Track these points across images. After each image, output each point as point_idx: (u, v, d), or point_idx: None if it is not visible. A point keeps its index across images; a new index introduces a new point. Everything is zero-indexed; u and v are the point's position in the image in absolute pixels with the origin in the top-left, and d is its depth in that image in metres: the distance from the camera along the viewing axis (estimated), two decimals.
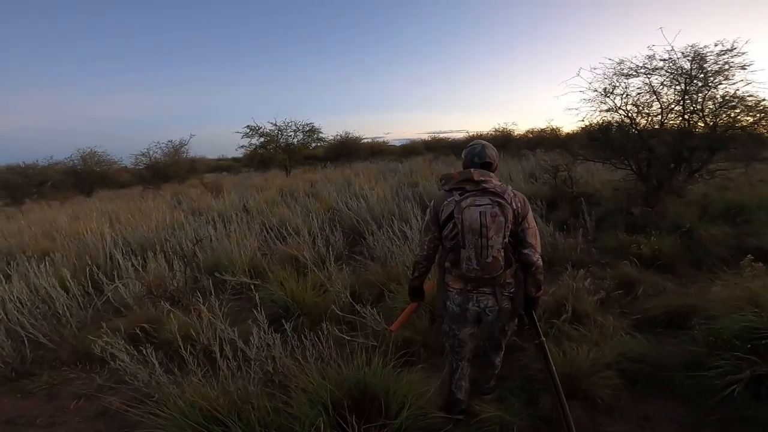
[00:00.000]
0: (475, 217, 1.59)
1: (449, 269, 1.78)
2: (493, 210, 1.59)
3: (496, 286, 1.73)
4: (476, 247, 1.62)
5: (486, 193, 1.62)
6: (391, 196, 6.25)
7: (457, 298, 1.79)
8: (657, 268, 3.73)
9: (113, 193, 14.86)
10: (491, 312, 1.76)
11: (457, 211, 1.62)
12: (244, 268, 4.08)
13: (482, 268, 1.65)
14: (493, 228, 1.59)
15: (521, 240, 1.70)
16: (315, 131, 14.55)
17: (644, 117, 4.91)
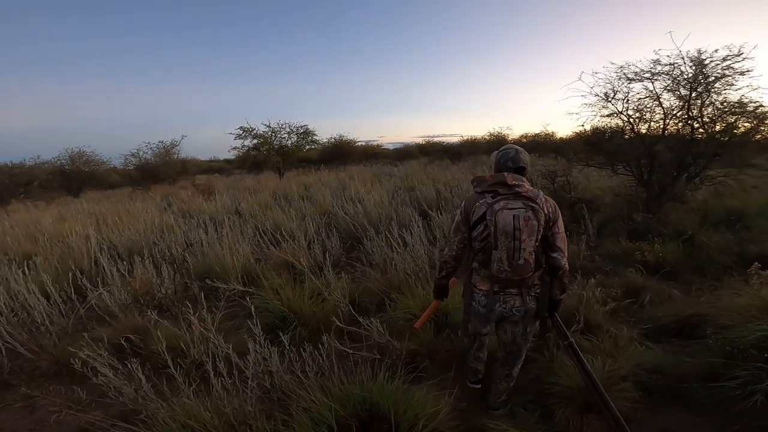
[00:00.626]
0: (509, 221, 1.62)
1: (477, 270, 1.83)
2: (526, 214, 1.62)
3: (522, 287, 1.76)
4: (508, 249, 1.64)
5: (519, 197, 1.65)
6: (387, 200, 6.12)
7: (483, 299, 1.82)
8: (662, 276, 3.67)
9: (102, 194, 14.48)
10: (518, 312, 1.79)
11: (490, 214, 1.65)
12: (237, 274, 3.90)
13: (513, 269, 1.67)
14: (525, 231, 1.62)
15: (550, 244, 1.72)
16: (309, 133, 14.36)
17: (646, 122, 4.87)
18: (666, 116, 4.72)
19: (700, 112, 4.55)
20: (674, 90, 4.62)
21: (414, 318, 2.77)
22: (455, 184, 7.75)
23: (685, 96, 4.58)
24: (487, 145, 18.29)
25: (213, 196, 9.71)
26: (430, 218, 4.82)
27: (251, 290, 3.35)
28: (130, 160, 14.19)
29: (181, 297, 3.71)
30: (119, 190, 15.23)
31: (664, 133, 4.71)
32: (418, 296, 2.92)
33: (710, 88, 4.44)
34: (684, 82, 4.53)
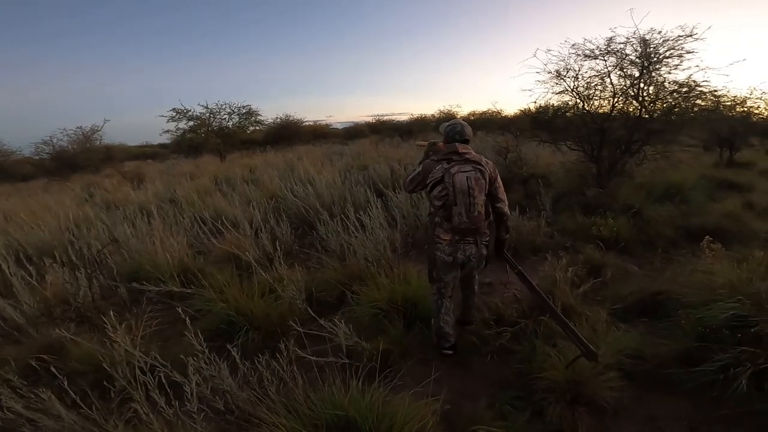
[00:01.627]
0: (463, 181, 2.02)
1: (440, 224, 2.16)
2: (476, 175, 2.03)
3: (477, 236, 2.14)
4: (466, 204, 2.03)
5: (468, 162, 2.07)
6: (340, 180, 5.76)
7: (447, 248, 2.15)
8: (618, 251, 3.73)
9: (13, 187, 12.65)
10: (474, 258, 2.18)
11: (448, 177, 2.04)
12: (172, 272, 3.41)
13: (470, 220, 2.06)
14: (476, 188, 2.03)
15: (494, 196, 2.17)
16: (252, 113, 13.33)
17: (596, 100, 4.92)
18: (615, 95, 4.78)
19: (647, 91, 4.64)
20: (624, 69, 4.66)
21: (381, 311, 2.54)
22: (408, 161, 7.54)
23: (634, 75, 4.64)
24: (436, 123, 18.31)
25: (143, 183, 8.76)
26: (387, 197, 4.57)
27: (189, 291, 2.91)
28: (42, 149, 12.40)
29: (102, 304, 3.16)
30: (34, 182, 13.38)
31: (612, 111, 4.78)
32: (383, 286, 2.67)
33: (657, 67, 4.52)
34: (635, 61, 4.57)
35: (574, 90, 4.97)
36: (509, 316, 2.55)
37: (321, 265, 3.34)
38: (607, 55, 4.70)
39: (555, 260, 2.89)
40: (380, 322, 2.51)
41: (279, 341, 2.44)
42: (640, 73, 4.64)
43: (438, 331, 2.34)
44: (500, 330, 2.44)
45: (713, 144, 9.13)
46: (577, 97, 5.03)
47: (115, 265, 3.81)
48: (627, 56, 4.67)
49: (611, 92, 4.83)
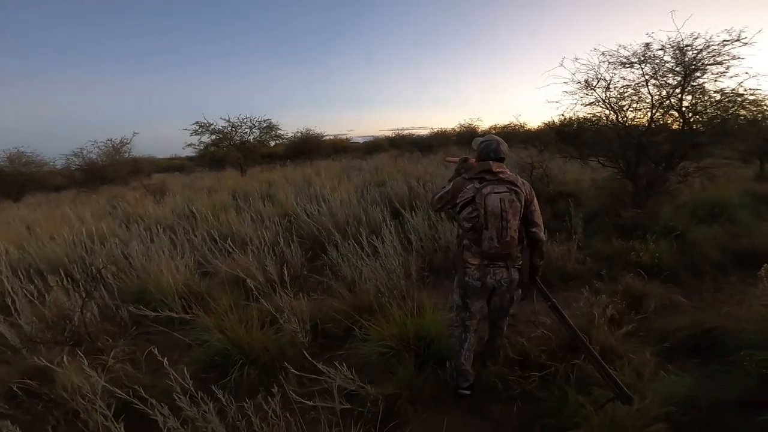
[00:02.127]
0: (496, 203, 1.85)
1: (468, 247, 2.00)
2: (510, 197, 1.86)
3: (508, 260, 1.97)
4: (497, 228, 1.86)
5: (503, 182, 1.89)
6: (356, 198, 5.54)
7: (476, 273, 1.98)
8: (661, 279, 3.34)
9: (45, 198, 13.14)
10: (505, 282, 1.99)
11: (479, 198, 1.87)
12: (176, 294, 3.25)
13: (502, 245, 1.89)
14: (510, 211, 1.86)
15: (529, 220, 1.98)
16: (273, 128, 13.39)
17: (631, 111, 4.55)
18: (653, 106, 4.40)
19: (689, 101, 4.24)
20: (663, 77, 4.29)
21: (391, 350, 2.27)
22: (428, 178, 7.28)
23: (675, 84, 4.26)
24: (457, 137, 18.04)
25: (165, 197, 8.83)
26: (403, 218, 4.31)
27: (188, 316, 2.73)
28: (72, 161, 12.84)
29: (98, 327, 3.02)
30: (65, 193, 13.87)
31: (651, 124, 4.39)
32: (393, 319, 2.40)
33: (699, 75, 4.13)
34: (677, 68, 4.20)
35: (606, 101, 4.61)
36: (537, 357, 2.25)
37: (329, 292, 3.11)
38: (645, 63, 4.34)
39: (590, 294, 2.55)
40: (389, 362, 2.24)
41: (276, 377, 2.25)
42: (683, 82, 4.25)
43: (457, 368, 2.12)
44: (526, 373, 2.15)
45: (752, 156, 8.44)
46: (609, 108, 4.66)
47: (122, 284, 3.71)
48: (666, 63, 4.30)
49: (649, 103, 4.45)
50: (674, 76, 4.32)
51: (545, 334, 2.42)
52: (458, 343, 2.12)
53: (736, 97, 4.18)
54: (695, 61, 4.17)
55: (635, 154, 4.40)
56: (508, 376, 2.15)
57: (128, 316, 3.25)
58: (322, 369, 1.83)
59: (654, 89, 4.44)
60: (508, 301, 2.10)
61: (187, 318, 2.74)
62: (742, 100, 4.17)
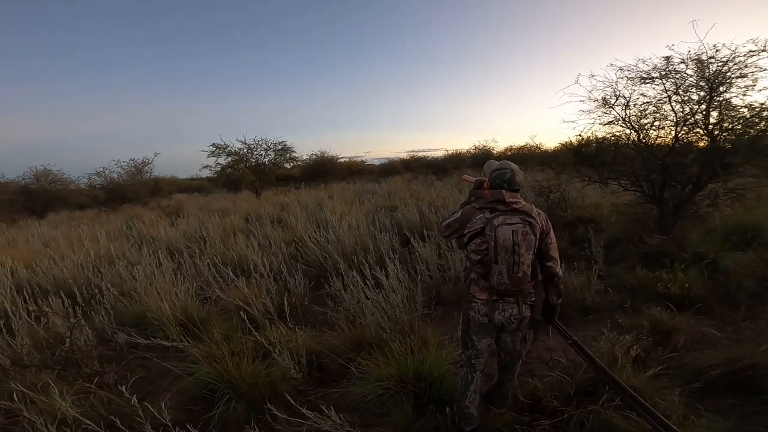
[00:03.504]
0: (508, 235, 1.68)
1: (476, 281, 1.86)
2: (524, 229, 1.69)
3: (519, 296, 1.81)
4: (508, 263, 1.69)
5: (516, 212, 1.73)
6: (366, 224, 5.40)
7: (483, 308, 1.83)
8: (691, 310, 3.05)
9: (68, 216, 13.49)
10: (515, 319, 1.82)
11: (489, 229, 1.71)
12: (173, 321, 3.14)
13: (512, 282, 1.72)
14: (523, 245, 1.69)
15: (544, 254, 1.81)
16: (287, 150, 13.55)
17: (655, 130, 4.30)
18: (678, 123, 4.15)
19: (718, 116, 3.99)
20: (687, 92, 4.06)
21: (387, 391, 2.07)
22: (440, 203, 7.11)
23: (701, 99, 4.03)
24: (471, 159, 17.90)
25: (180, 219, 8.92)
26: (413, 247, 4.13)
27: (180, 345, 2.60)
28: (94, 180, 13.22)
29: (93, 352, 2.91)
30: (88, 212, 14.26)
31: (676, 143, 4.14)
32: (394, 358, 2.21)
33: (725, 89, 3.89)
34: (701, 83, 3.98)
35: (626, 119, 4.39)
36: (549, 401, 2.02)
37: (330, 325, 2.94)
38: (666, 78, 4.12)
39: (612, 331, 2.32)
40: (385, 403, 2.04)
41: (264, 414, 2.07)
42: (708, 97, 4.02)
43: (460, 411, 1.92)
44: (535, 418, 1.95)
45: None
46: (629, 127, 4.43)
47: (123, 308, 3.65)
48: (688, 77, 4.07)
49: (672, 121, 4.20)
50: (698, 90, 4.09)
51: (559, 376, 2.18)
52: (463, 385, 1.93)
53: (765, 112, 3.91)
54: (719, 75, 3.95)
55: (660, 176, 4.13)
56: (516, 422, 1.93)
57: (124, 341, 3.16)
58: (308, 414, 1.65)
59: (677, 105, 4.20)
60: (521, 341, 1.92)
61: (178, 347, 2.62)
62: None
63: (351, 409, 2.07)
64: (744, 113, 4.01)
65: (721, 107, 4.06)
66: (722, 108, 4.06)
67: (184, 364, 2.57)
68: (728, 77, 3.93)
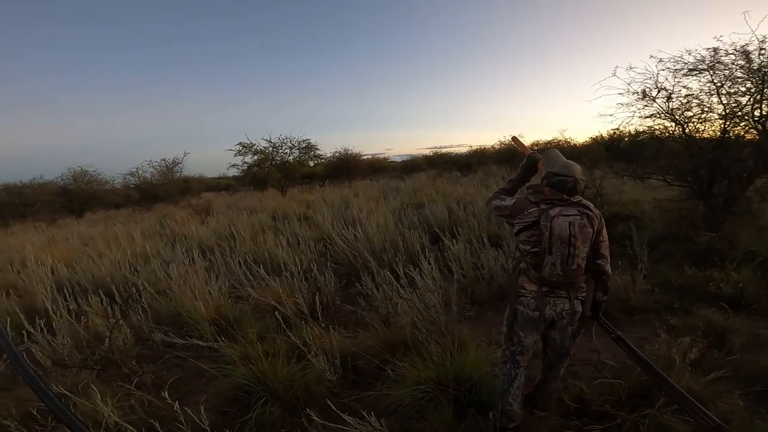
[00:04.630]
0: (565, 227, 1.63)
1: (526, 271, 1.79)
2: (581, 221, 1.64)
3: (571, 290, 1.75)
4: (563, 255, 1.64)
5: (573, 205, 1.67)
6: (393, 221, 5.33)
7: (533, 302, 1.77)
8: (745, 311, 2.86)
9: (104, 215, 14.08)
10: (567, 315, 1.76)
11: (545, 220, 1.66)
12: (207, 320, 3.17)
13: (565, 274, 1.67)
14: (580, 237, 1.64)
15: (596, 251, 1.75)
16: (311, 148, 13.62)
17: (701, 123, 4.05)
18: (726, 116, 3.89)
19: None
20: (736, 84, 3.80)
21: (425, 395, 2.01)
22: (468, 200, 6.96)
23: (748, 91, 3.76)
24: (496, 154, 17.50)
25: (209, 217, 9.12)
26: (443, 244, 4.04)
27: (215, 345, 2.62)
28: (128, 180, 13.74)
29: (132, 352, 2.98)
30: (123, 211, 14.83)
31: (724, 136, 3.88)
32: (432, 360, 2.15)
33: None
34: (750, 74, 3.70)
35: (669, 112, 4.15)
36: (599, 405, 1.91)
37: (363, 324, 2.90)
38: (713, 69, 3.87)
39: (665, 332, 2.18)
40: (424, 407, 1.98)
41: (301, 417, 2.05)
42: (757, 90, 3.74)
43: (503, 408, 1.85)
44: (584, 422, 1.86)
45: None
46: (673, 120, 4.18)
47: (160, 306, 3.73)
48: (737, 69, 3.81)
49: (720, 113, 3.95)
50: (745, 82, 3.82)
51: (609, 379, 2.06)
52: (506, 381, 1.85)
53: None
54: None
55: (709, 170, 3.89)
56: (563, 426, 1.83)
57: (161, 341, 3.21)
58: (348, 420, 1.60)
59: (725, 98, 3.94)
60: (570, 337, 1.86)
61: (213, 347, 2.64)
62: None
63: (388, 413, 2.01)
64: None
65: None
66: None
67: (219, 364, 2.59)
68: None
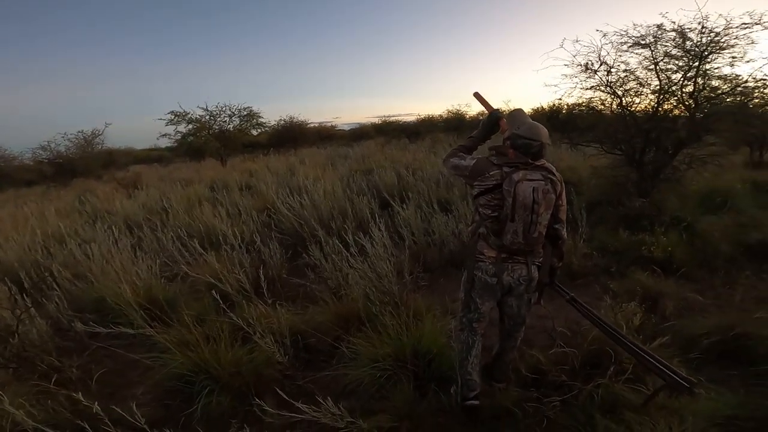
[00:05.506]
0: (528, 193, 1.56)
1: (485, 236, 1.72)
2: (545, 186, 1.58)
3: (529, 256, 1.71)
4: (525, 222, 1.59)
5: (538, 169, 1.59)
6: (341, 188, 5.14)
7: (491, 268, 1.71)
8: (674, 275, 3.08)
9: (15, 194, 12.34)
10: (524, 281, 1.72)
11: (508, 184, 1.57)
12: (135, 304, 2.83)
13: (526, 241, 1.63)
14: (543, 204, 1.59)
15: (554, 216, 1.69)
16: (254, 115, 12.71)
17: (636, 96, 4.22)
18: (661, 91, 4.07)
19: (702, 86, 3.95)
20: (676, 59, 3.97)
21: (384, 372, 1.93)
22: (417, 166, 6.91)
23: (685, 67, 3.95)
24: (444, 123, 17.64)
25: (138, 191, 8.27)
26: (393, 210, 3.94)
27: (146, 331, 2.34)
28: (39, 154, 12.07)
29: (50, 345, 2.61)
30: (36, 188, 13.09)
31: (657, 110, 4.09)
32: (388, 335, 2.07)
33: (713, 58, 3.83)
34: (691, 50, 3.87)
35: (609, 85, 4.28)
36: (555, 376, 1.95)
37: (312, 298, 2.75)
38: (655, 44, 3.99)
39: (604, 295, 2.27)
40: (383, 385, 1.91)
41: (252, 404, 1.90)
42: (687, 68, 3.96)
43: (462, 377, 1.80)
44: (542, 393, 1.87)
45: (739, 143, 8.28)
46: (611, 93, 4.34)
47: (80, 292, 3.30)
48: (681, 44, 3.96)
49: (656, 87, 4.12)
50: (686, 59, 4.01)
51: (564, 348, 2.11)
52: (464, 349, 1.81)
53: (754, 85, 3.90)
54: (703, 46, 3.87)
55: (642, 140, 4.10)
56: (523, 399, 1.85)
57: (83, 331, 2.84)
58: (302, 408, 1.48)
59: (662, 74, 4.11)
60: (526, 304, 1.83)
61: (144, 333, 2.37)
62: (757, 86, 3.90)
63: (347, 393, 1.92)
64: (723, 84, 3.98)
65: (704, 77, 3.99)
66: (704, 77, 4.00)
67: (154, 353, 2.33)
68: (717, 47, 3.84)
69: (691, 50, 3.90)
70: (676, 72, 4.09)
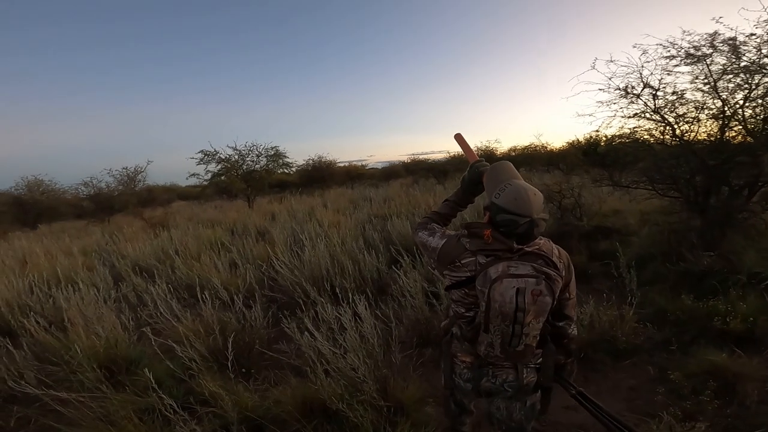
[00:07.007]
0: (510, 296, 1.07)
1: (458, 338, 1.31)
2: (536, 287, 1.08)
3: (518, 363, 1.23)
4: (504, 334, 1.13)
5: (527, 257, 1.10)
6: (352, 238, 4.64)
7: (467, 373, 1.31)
8: (758, 352, 2.33)
9: (60, 227, 13.01)
10: (511, 387, 1.26)
11: (483, 283, 1.10)
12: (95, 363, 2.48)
13: (506, 355, 1.18)
14: (532, 311, 1.09)
15: (556, 312, 1.22)
16: (280, 155, 12.73)
17: (693, 124, 3.49)
18: (725, 115, 3.34)
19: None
20: (737, 75, 3.27)
21: None
22: None
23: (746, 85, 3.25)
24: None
25: (162, 231, 8.30)
26: (401, 267, 3.40)
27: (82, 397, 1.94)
28: (81, 190, 12.72)
29: None
30: (79, 222, 13.76)
31: (722, 138, 3.34)
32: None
33: None
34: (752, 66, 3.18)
35: (657, 110, 3.62)
36: None
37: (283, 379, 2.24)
38: (715, 55, 3.32)
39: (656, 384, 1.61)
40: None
41: None
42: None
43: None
44: None
45: None
46: (662, 120, 3.66)
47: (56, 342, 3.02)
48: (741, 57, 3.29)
49: (717, 112, 3.40)
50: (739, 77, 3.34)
51: None
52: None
53: None
54: None
55: (706, 178, 3.37)
56: None
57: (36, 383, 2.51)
58: None
59: (725, 94, 3.42)
60: (520, 409, 1.31)
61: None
62: None
63: None
64: None
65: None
66: None
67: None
68: None
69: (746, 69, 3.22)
70: (736, 91, 3.39)
